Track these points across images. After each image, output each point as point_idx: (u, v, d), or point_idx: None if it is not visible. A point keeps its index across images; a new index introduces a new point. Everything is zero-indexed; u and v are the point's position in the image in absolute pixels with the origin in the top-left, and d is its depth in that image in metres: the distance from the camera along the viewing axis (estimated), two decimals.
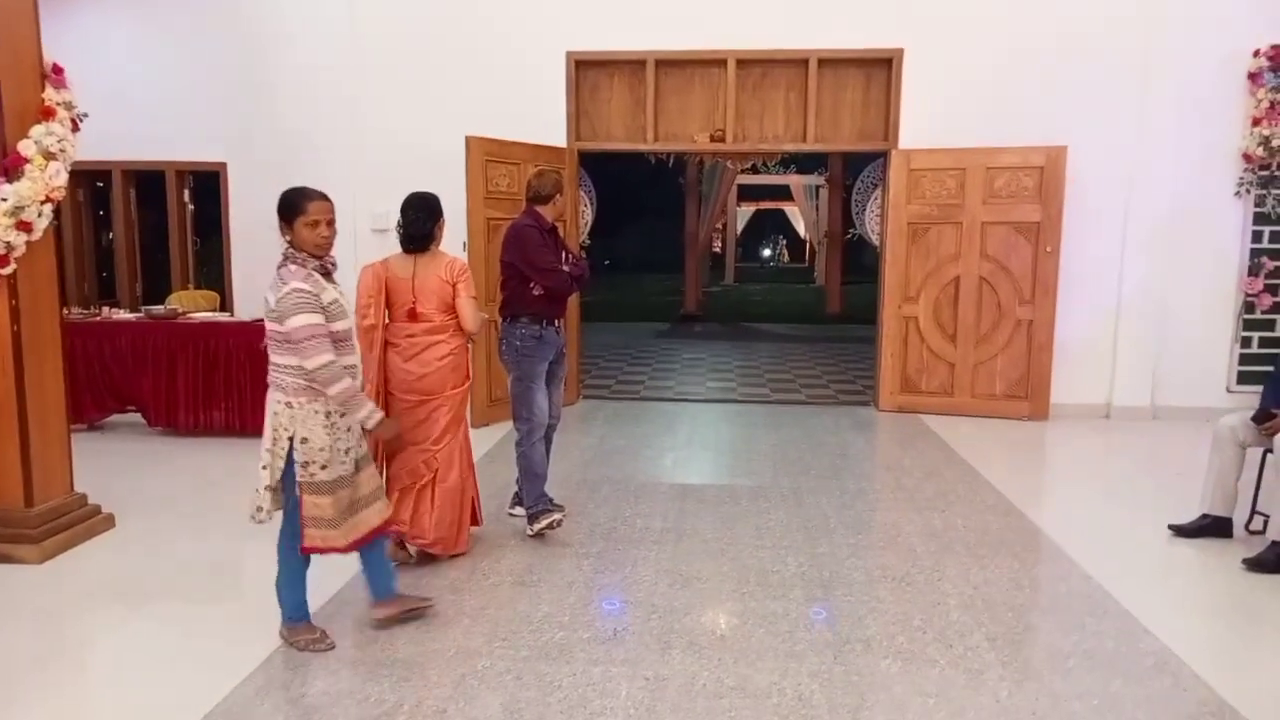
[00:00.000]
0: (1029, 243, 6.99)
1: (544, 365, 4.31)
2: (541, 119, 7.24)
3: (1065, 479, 5.61)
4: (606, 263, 33.81)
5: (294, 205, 3.15)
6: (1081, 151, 6.89)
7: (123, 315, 6.42)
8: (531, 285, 4.22)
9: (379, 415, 3.13)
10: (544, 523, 4.26)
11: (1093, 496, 5.21)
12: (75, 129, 4.03)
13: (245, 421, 6.16)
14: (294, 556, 3.14)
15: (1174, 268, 7.09)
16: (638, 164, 9.65)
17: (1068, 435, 6.74)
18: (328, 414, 3.05)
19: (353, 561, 3.40)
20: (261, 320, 3.27)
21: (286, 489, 3.07)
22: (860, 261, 22.85)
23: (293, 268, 3.05)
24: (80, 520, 4.23)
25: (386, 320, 3.86)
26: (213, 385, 6.17)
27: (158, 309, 6.44)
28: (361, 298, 3.83)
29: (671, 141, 7.49)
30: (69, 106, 3.97)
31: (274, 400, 3.09)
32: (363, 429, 3.15)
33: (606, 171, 16.96)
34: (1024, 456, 6.30)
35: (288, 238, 3.14)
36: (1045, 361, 7.05)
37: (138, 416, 6.39)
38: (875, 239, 7.83)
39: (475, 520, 4.16)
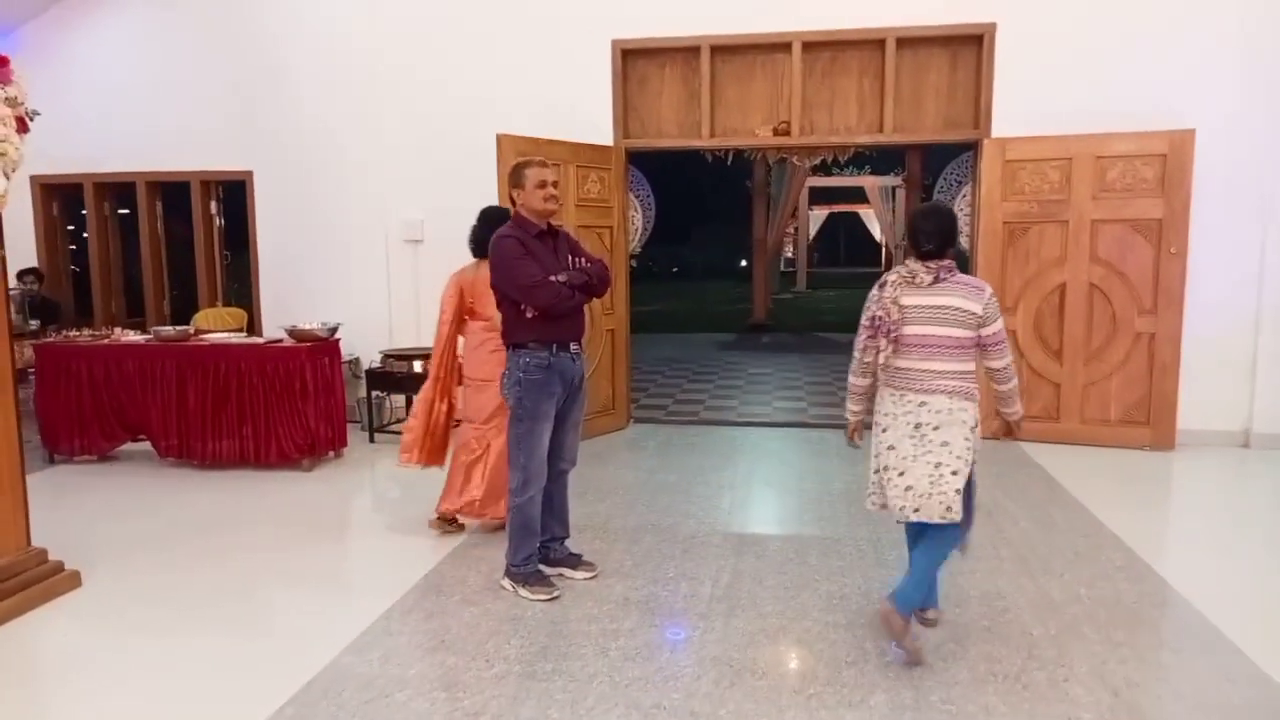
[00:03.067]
0: (1149, 243, 5.99)
1: (552, 401, 3.58)
2: (585, 116, 6.56)
3: (1206, 528, 4.62)
4: (674, 270, 33.20)
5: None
6: (1209, 135, 5.87)
7: (131, 337, 5.94)
8: (523, 307, 3.50)
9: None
10: (536, 596, 3.56)
11: (1245, 553, 4.23)
12: (23, 129, 3.47)
13: (260, 452, 5.62)
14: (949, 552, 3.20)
15: None
16: (702, 165, 8.91)
17: (1200, 469, 5.72)
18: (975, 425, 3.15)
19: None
20: (279, 341, 3.07)
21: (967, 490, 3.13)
22: None
23: (964, 276, 3.16)
24: (36, 580, 3.66)
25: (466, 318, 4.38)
26: (224, 413, 5.63)
27: (167, 330, 5.94)
28: (442, 300, 4.38)
29: (731, 137, 6.71)
30: (13, 103, 3.40)
31: (955, 407, 3.10)
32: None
33: (670, 174, 16.31)
34: (1151, 497, 5.32)
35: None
36: (1170, 381, 6.03)
37: (150, 446, 5.90)
38: (964, 241, 6.91)
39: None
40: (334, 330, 5.92)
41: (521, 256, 3.47)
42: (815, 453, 6.24)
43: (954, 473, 3.03)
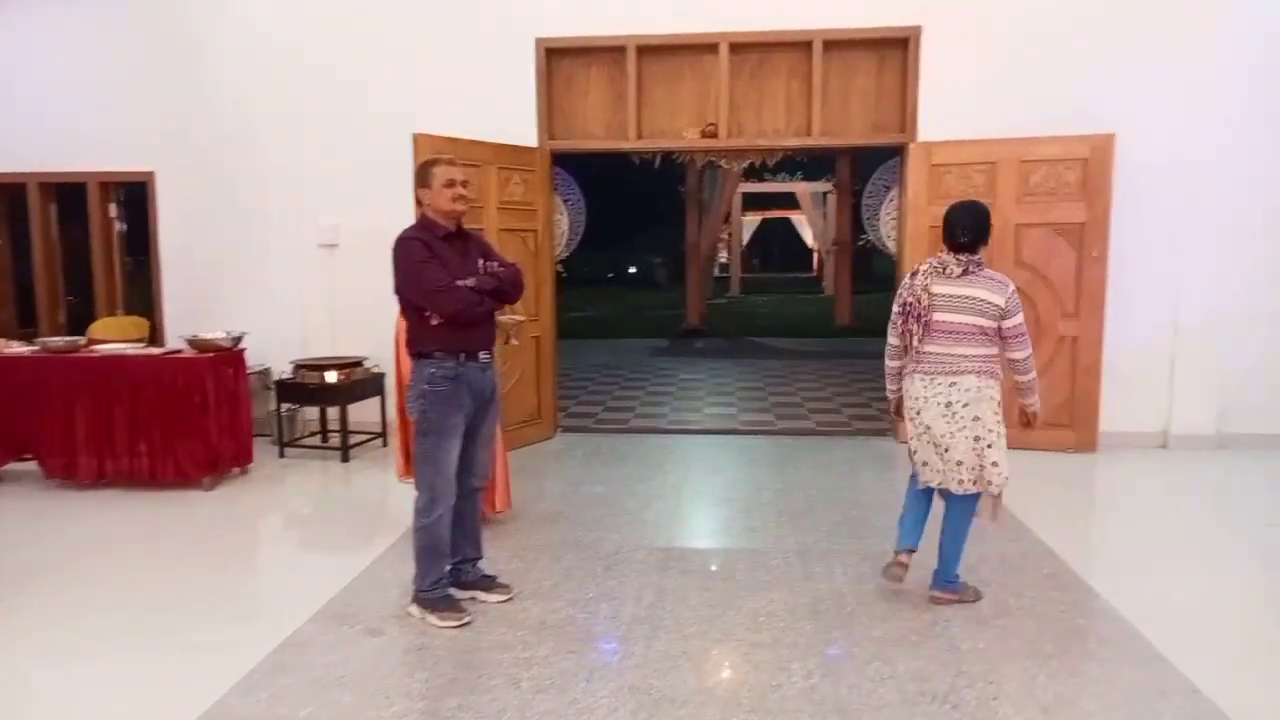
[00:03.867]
0: (1072, 247, 6.02)
1: (460, 415, 3.37)
2: (509, 116, 6.34)
3: (1132, 534, 4.59)
4: (610, 276, 32.99)
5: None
6: (1132, 140, 5.93)
7: (16, 349, 5.51)
8: (427, 313, 3.29)
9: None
10: (445, 623, 3.35)
11: (1171, 559, 4.21)
12: None
13: (156, 471, 5.25)
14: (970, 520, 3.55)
15: (1241, 272, 6.11)
16: (637, 170, 8.75)
17: (1123, 471, 5.76)
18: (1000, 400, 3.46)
19: None
20: (178, 352, 3.60)
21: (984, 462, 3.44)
22: (871, 270, 21.94)
23: (990, 271, 3.47)
24: None
25: None
26: (117, 429, 5.25)
27: (55, 340, 5.53)
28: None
29: (658, 139, 6.56)
30: None
31: (983, 385, 3.42)
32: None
33: (604, 178, 16.12)
34: (1076, 501, 5.32)
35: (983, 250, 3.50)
36: (1093, 384, 6.07)
37: (37, 466, 5.47)
38: (891, 246, 6.88)
39: (492, 504, 4.47)
40: (238, 339, 5.59)
41: (426, 260, 3.25)
42: (746, 461, 6.12)
43: (989, 446, 3.41)
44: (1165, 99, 6.04)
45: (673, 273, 27.52)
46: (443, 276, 3.24)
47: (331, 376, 5.97)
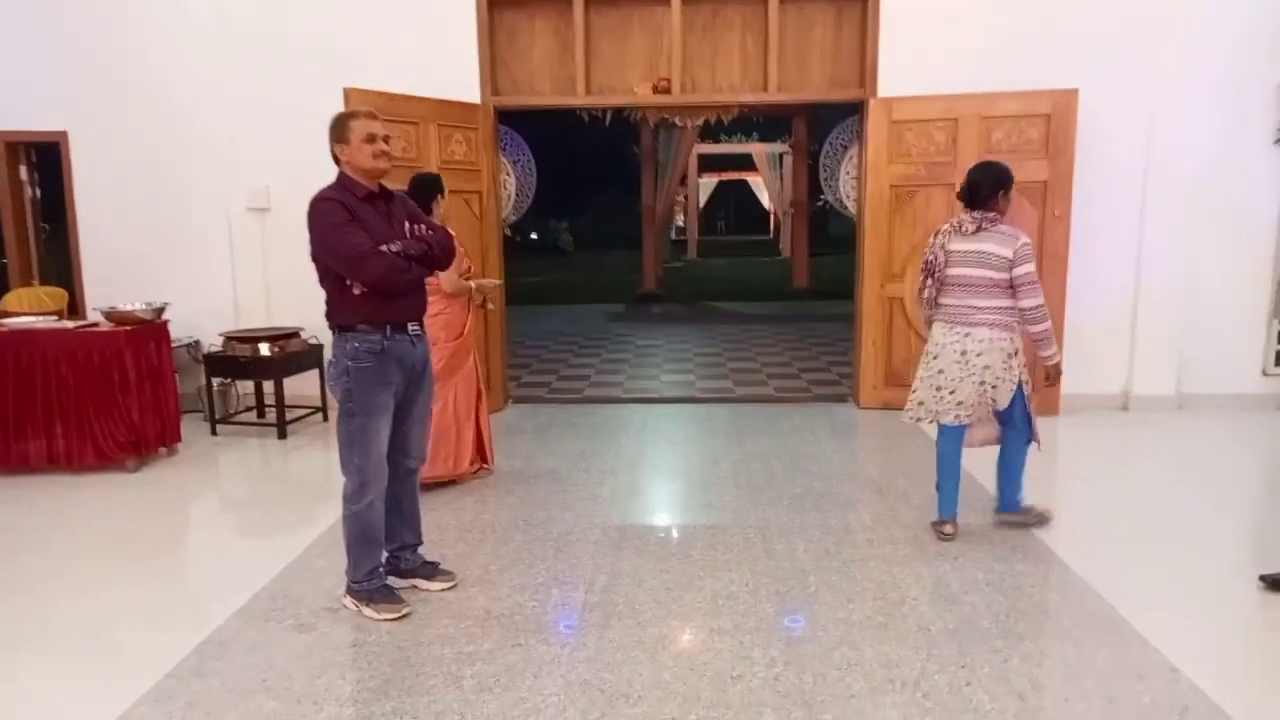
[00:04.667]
0: (1034, 206, 5.87)
1: (389, 392, 3.10)
2: (449, 71, 5.99)
3: (1100, 501, 4.45)
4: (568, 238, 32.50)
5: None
6: (1093, 97, 5.77)
7: None
8: (349, 282, 3.01)
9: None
10: (382, 615, 3.11)
11: (1142, 527, 4.10)
12: None
13: (73, 454, 4.90)
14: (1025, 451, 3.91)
15: (1201, 232, 6.01)
16: (590, 131, 8.41)
17: (1085, 434, 5.67)
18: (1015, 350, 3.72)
19: None
20: (95, 325, 3.50)
21: (1017, 402, 3.76)
22: (827, 232, 21.86)
23: (1005, 226, 3.67)
24: None
25: None
26: (28, 410, 4.87)
27: None
28: None
29: (608, 95, 6.25)
30: None
31: (995, 336, 3.67)
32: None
33: (557, 140, 15.71)
34: (1040, 467, 5.11)
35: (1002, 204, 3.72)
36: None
37: None
38: (850, 206, 6.69)
39: (485, 459, 4.74)
40: (160, 311, 5.22)
41: (345, 223, 2.95)
42: (703, 431, 5.92)
43: (993, 387, 3.71)
44: (1128, 57, 5.88)
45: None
46: (364, 241, 2.95)
47: (264, 349, 5.63)
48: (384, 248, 3.00)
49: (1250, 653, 3.00)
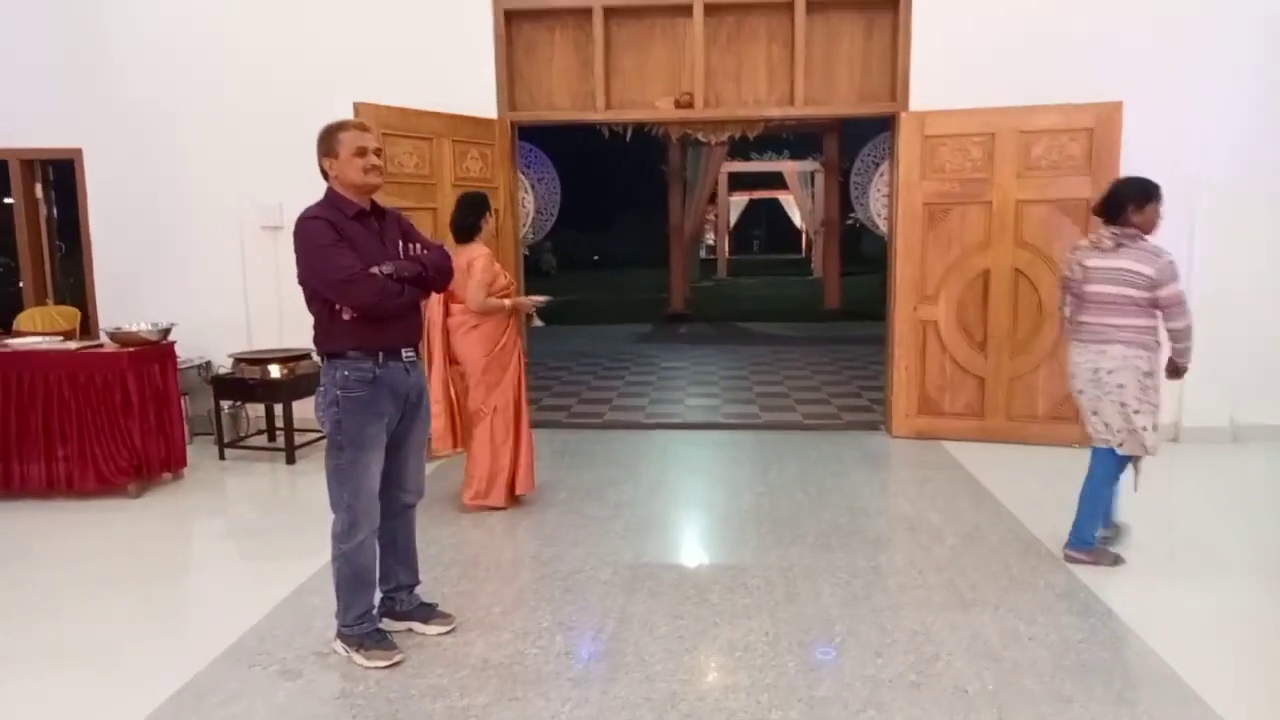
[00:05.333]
0: (1076, 225, 5.54)
1: (381, 423, 2.90)
2: (465, 85, 5.83)
3: (1151, 542, 4.06)
4: (595, 258, 32.47)
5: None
6: (1135, 109, 5.45)
7: None
8: (338, 306, 2.81)
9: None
10: (372, 662, 2.89)
11: (1197, 573, 3.76)
12: None
13: (74, 478, 4.77)
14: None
15: (1253, 249, 5.67)
16: (617, 148, 8.23)
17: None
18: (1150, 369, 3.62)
19: None
20: (99, 346, 3.44)
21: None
22: (859, 252, 21.51)
23: (1146, 242, 3.61)
24: None
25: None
26: (30, 432, 4.74)
27: None
28: None
29: (629, 109, 6.05)
30: None
31: (1130, 354, 3.59)
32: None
33: (584, 157, 15.60)
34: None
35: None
36: None
37: None
38: (882, 225, 6.43)
39: (513, 487, 4.58)
40: (166, 331, 5.09)
41: (333, 243, 2.76)
42: (727, 459, 5.67)
43: (1136, 411, 3.59)
44: (1175, 66, 5.57)
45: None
46: (353, 263, 2.75)
47: (274, 371, 5.47)
48: (375, 269, 2.81)
49: None
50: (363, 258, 2.80)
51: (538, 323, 4.78)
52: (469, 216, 4.35)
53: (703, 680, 2.87)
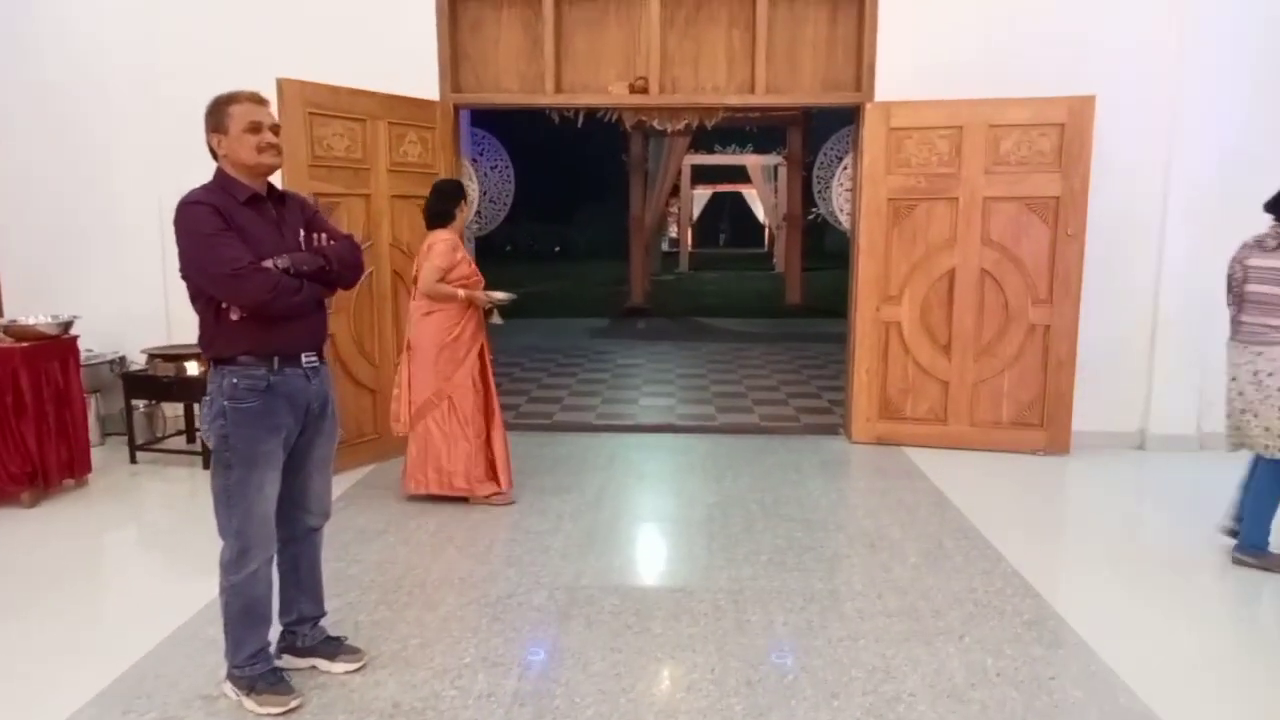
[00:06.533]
0: (1045, 224, 5.34)
1: (277, 438, 2.54)
2: (404, 64, 5.44)
3: (1124, 564, 3.82)
4: (557, 249, 32.04)
5: None
6: (1109, 104, 5.24)
7: None
8: (225, 305, 2.46)
9: None
10: (265, 709, 2.54)
11: (1177, 602, 3.55)
12: None
13: None
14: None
15: (1223, 252, 5.41)
16: (579, 138, 7.89)
17: (1100, 479, 5.12)
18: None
19: None
20: None
21: None
22: (822, 247, 21.36)
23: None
24: None
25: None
26: None
27: None
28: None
29: (580, 94, 5.71)
30: None
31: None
32: None
33: (545, 147, 15.19)
34: (1054, 518, 4.67)
35: None
36: (1066, 379, 5.41)
37: None
38: (845, 220, 6.16)
39: (498, 484, 4.50)
40: (68, 325, 4.66)
41: (217, 232, 2.40)
42: (679, 466, 5.37)
43: None
44: (1145, 60, 5.37)
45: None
46: (241, 255, 2.39)
47: (191, 368, 5.06)
48: (268, 263, 2.45)
49: None
50: (254, 249, 2.44)
51: (497, 320, 4.50)
52: (441, 203, 4.31)
53: None
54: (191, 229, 2.41)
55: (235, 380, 2.48)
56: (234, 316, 2.46)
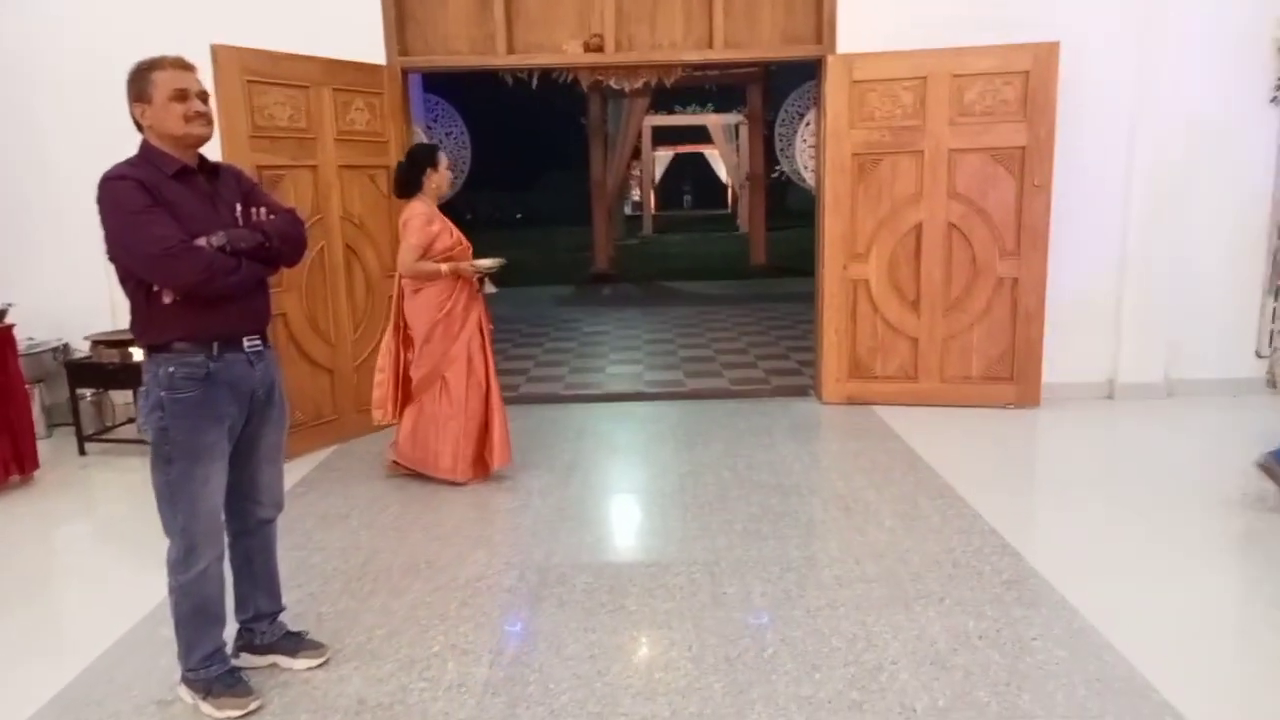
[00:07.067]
0: (1011, 175, 5.26)
1: (220, 428, 2.39)
2: (347, 27, 5.19)
3: (1099, 517, 3.78)
4: (519, 216, 31.61)
5: None
6: (1076, 52, 5.15)
7: None
8: (156, 288, 2.30)
9: None
10: (222, 711, 2.43)
11: (1152, 553, 3.53)
12: None
13: None
14: None
15: (1191, 201, 5.46)
16: (546, 101, 7.61)
17: (1071, 431, 5.11)
18: None
19: None
20: None
21: None
22: (785, 205, 21.23)
23: None
24: None
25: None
26: None
27: None
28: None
29: (534, 54, 5.50)
30: None
31: None
32: None
33: (513, 113, 14.82)
34: (1028, 472, 4.66)
35: None
36: (1035, 331, 5.38)
37: None
38: (808, 178, 6.04)
39: (487, 459, 4.34)
40: (2, 313, 4.42)
41: (144, 209, 2.23)
42: (650, 434, 5.27)
43: None
44: (1113, 6, 5.28)
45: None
46: (171, 233, 2.22)
47: (137, 354, 4.84)
48: (202, 241, 2.28)
49: None
50: (185, 226, 2.27)
51: (490, 289, 4.33)
52: (407, 171, 4.14)
53: (615, 712, 2.47)
54: (116, 206, 2.23)
55: (172, 369, 2.32)
56: (166, 299, 2.29)
